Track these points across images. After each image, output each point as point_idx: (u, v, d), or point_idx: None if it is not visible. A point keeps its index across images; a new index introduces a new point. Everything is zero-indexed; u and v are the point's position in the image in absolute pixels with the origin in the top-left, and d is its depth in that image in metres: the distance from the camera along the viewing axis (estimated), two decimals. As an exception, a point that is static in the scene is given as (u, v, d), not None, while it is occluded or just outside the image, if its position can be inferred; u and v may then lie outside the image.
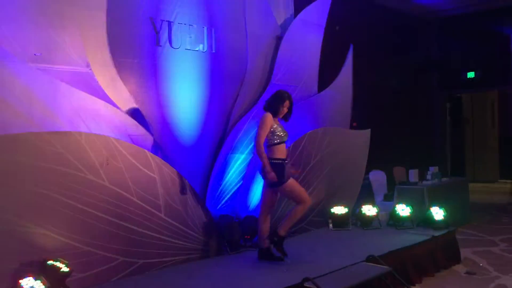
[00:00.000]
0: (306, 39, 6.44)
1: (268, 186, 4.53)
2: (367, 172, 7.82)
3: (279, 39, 6.20)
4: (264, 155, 4.42)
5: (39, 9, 3.95)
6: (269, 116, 4.53)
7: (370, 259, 4.36)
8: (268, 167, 4.37)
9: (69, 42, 4.16)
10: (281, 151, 4.56)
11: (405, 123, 9.99)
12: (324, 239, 5.48)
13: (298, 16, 6.40)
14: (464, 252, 5.87)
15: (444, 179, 7.71)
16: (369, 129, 6.92)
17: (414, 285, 4.75)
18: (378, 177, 7.93)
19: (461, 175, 11.38)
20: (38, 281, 3.27)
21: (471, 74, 10.48)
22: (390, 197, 7.25)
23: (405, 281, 4.62)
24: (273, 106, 4.57)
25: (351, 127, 7.16)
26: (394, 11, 9.22)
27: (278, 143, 4.52)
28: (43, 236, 3.65)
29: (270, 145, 4.51)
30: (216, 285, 3.89)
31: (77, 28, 4.23)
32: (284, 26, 6.37)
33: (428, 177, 7.44)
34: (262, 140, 4.46)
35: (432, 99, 10.68)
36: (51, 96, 3.88)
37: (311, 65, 6.54)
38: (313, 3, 6.58)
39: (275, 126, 4.54)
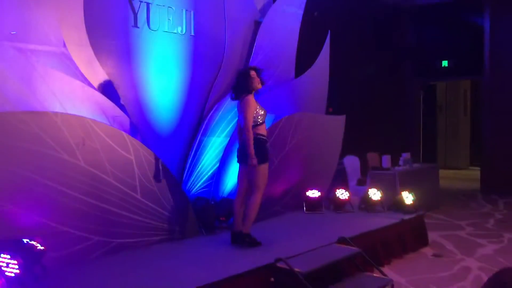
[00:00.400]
0: (285, 25, 6.48)
1: (245, 163, 4.53)
2: (341, 157, 7.99)
3: (257, 23, 6.24)
4: (252, 140, 4.38)
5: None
6: (250, 97, 4.51)
7: (341, 240, 4.50)
8: (252, 153, 4.35)
9: (45, 21, 4.13)
10: (264, 130, 4.60)
11: (380, 110, 10.17)
12: (298, 221, 5.61)
13: (277, 1, 6.44)
14: (432, 236, 6.08)
15: (416, 165, 7.92)
16: (344, 115, 7.05)
17: (383, 266, 4.91)
18: (352, 162, 8.09)
19: (433, 161, 11.68)
20: (13, 259, 3.29)
21: (445, 63, 10.70)
22: (363, 182, 7.42)
23: (374, 262, 4.79)
24: (244, 86, 4.54)
25: (327, 113, 7.27)
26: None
27: (261, 123, 4.55)
28: (18, 215, 3.66)
29: (254, 125, 4.49)
30: (190, 265, 3.97)
31: (54, 7, 4.19)
32: (263, 11, 6.40)
33: (400, 163, 7.64)
34: (251, 123, 4.43)
35: (406, 86, 10.87)
36: (26, 75, 3.85)
37: (289, 51, 6.59)
38: (293, -12, 6.62)
39: (256, 107, 4.52)
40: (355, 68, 9.18)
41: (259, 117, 4.54)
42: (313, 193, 6.11)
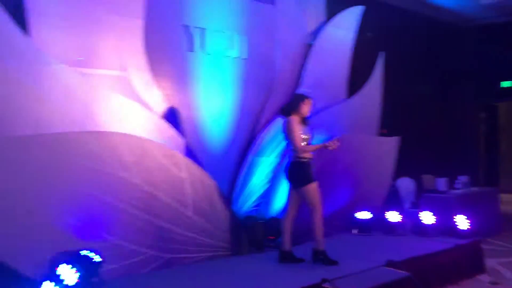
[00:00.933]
0: (336, 46, 6.56)
1: (293, 187, 4.64)
2: (395, 179, 7.86)
3: (309, 46, 6.35)
4: (311, 146, 4.65)
5: (80, 17, 4.24)
6: (292, 118, 4.61)
7: (390, 264, 4.44)
8: (321, 146, 4.67)
9: (108, 47, 4.44)
10: (308, 153, 4.67)
11: (438, 131, 9.92)
12: (346, 243, 5.57)
13: (329, 23, 6.54)
14: (490, 263, 5.83)
15: (474, 188, 7.65)
16: (398, 137, 6.97)
17: (435, 292, 4.79)
18: (406, 185, 7.93)
19: (495, 185, 11.18)
20: (72, 269, 3.52)
21: (505, 84, 10.32)
22: (417, 205, 7.26)
23: (425, 288, 4.69)
24: (293, 106, 4.66)
25: (381, 134, 7.22)
26: (429, 19, 9.19)
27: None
28: (78, 228, 3.92)
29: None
30: (238, 282, 4.06)
31: (116, 34, 4.51)
32: (315, 33, 6.51)
33: (457, 186, 7.41)
34: (300, 142, 4.53)
35: (465, 107, 10.56)
36: (90, 98, 4.15)
37: (340, 72, 6.65)
38: (345, 10, 6.71)
39: (300, 129, 4.61)
40: (410, 89, 9.05)
41: (303, 142, 4.60)
42: (364, 215, 6.05)
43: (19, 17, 3.96)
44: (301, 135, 4.60)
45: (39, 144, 3.75)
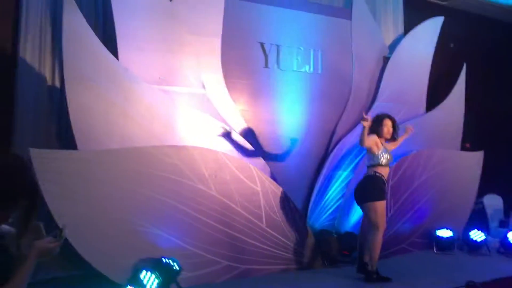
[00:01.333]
0: (415, 59, 6.40)
1: (358, 202, 4.58)
2: (482, 196, 7.46)
3: (386, 59, 6.26)
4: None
5: (161, 38, 4.54)
6: (375, 136, 4.55)
7: (470, 285, 4.23)
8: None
9: (187, 66, 4.70)
10: (385, 172, 4.61)
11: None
12: (425, 261, 5.37)
13: (407, 36, 6.42)
14: None
15: None
16: (482, 151, 6.63)
17: (521, 318, 4.50)
18: (493, 202, 7.50)
19: None
20: (153, 275, 3.74)
21: None
22: (506, 224, 6.84)
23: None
24: (374, 129, 4.59)
25: (464, 148, 6.91)
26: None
27: (384, 165, 4.56)
28: (159, 236, 4.16)
29: (375, 164, 4.54)
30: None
31: (195, 53, 4.76)
32: (393, 46, 6.42)
33: (551, 204, 6.88)
34: (368, 143, 4.44)
35: None
36: (171, 114, 4.42)
37: (419, 85, 6.47)
38: (424, 22, 6.54)
39: (381, 148, 4.54)
40: (499, 100, 8.55)
41: (383, 159, 4.53)
42: (445, 233, 5.81)
43: (111, 42, 4.34)
44: (384, 154, 4.53)
45: (124, 157, 4.05)
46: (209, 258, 4.42)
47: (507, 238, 5.63)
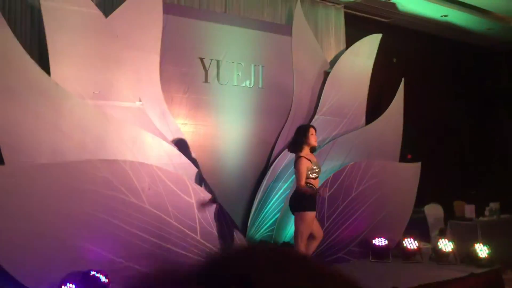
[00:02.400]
0: (354, 73, 6.64)
1: (292, 211, 4.70)
2: (423, 205, 7.73)
3: (327, 73, 6.48)
4: (308, 190, 4.53)
5: (96, 54, 4.60)
6: (302, 160, 4.60)
7: (393, 291, 4.41)
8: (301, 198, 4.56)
9: (123, 81, 4.77)
10: (316, 183, 4.74)
11: (473, 156, 9.68)
12: (359, 269, 5.55)
13: (347, 51, 6.66)
14: (513, 293, 5.63)
15: (505, 215, 7.38)
16: (419, 163, 6.90)
17: (446, 323, 4.70)
18: (434, 211, 7.78)
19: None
20: (78, 289, 3.78)
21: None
22: (444, 232, 7.10)
23: (434, 317, 4.62)
24: (300, 141, 4.72)
25: (405, 160, 7.17)
26: (459, 44, 9.09)
27: (315, 178, 4.68)
28: (89, 250, 4.20)
29: (307, 178, 4.62)
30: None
31: (133, 68, 4.84)
32: (334, 61, 6.64)
33: (486, 213, 7.19)
34: (303, 181, 4.54)
35: (501, 129, 10.23)
36: (102, 128, 4.47)
37: (358, 98, 6.70)
38: (364, 38, 6.79)
39: (310, 166, 4.62)
40: (441, 113, 8.92)
41: (314, 174, 4.66)
42: (380, 242, 6.02)
43: (43, 58, 4.38)
44: (315, 168, 4.65)
45: (53, 171, 4.08)
46: (141, 271, 4.47)
47: (438, 245, 5.85)
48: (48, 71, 4.32)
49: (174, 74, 5.26)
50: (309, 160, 4.65)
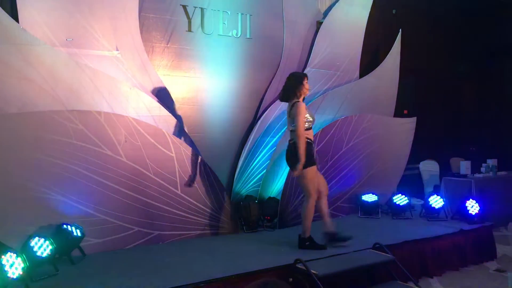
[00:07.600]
0: (348, 24, 6.34)
1: (291, 168, 4.49)
2: (419, 162, 7.56)
3: (319, 24, 6.18)
4: (304, 146, 4.26)
5: (70, -1, 4.33)
6: (302, 104, 4.39)
7: (377, 247, 4.30)
8: (303, 161, 4.22)
9: (98, 28, 4.52)
10: (311, 135, 4.51)
11: (473, 112, 9.40)
12: (347, 225, 5.41)
13: (341, 0, 6.32)
14: (505, 250, 5.52)
15: (501, 173, 7.20)
16: (415, 117, 6.68)
17: (432, 277, 4.61)
18: (429, 168, 7.62)
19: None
20: (47, 242, 3.67)
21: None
22: (439, 189, 6.96)
23: (420, 272, 4.53)
24: (294, 90, 4.41)
25: (402, 115, 6.94)
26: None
27: (309, 128, 4.46)
28: (62, 203, 4.08)
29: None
30: (214, 258, 4.07)
31: (108, 16, 4.58)
32: (328, 11, 6.31)
33: (482, 169, 7.01)
34: (303, 129, 4.31)
35: (505, 86, 9.89)
36: (76, 77, 4.26)
37: (352, 50, 6.42)
38: (359, -13, 6.44)
39: (307, 114, 4.41)
40: (441, 68, 8.59)
41: (307, 123, 4.43)
42: (369, 197, 5.88)
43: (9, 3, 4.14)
44: (308, 117, 4.39)
45: (23, 122, 3.91)
46: (119, 225, 4.38)
47: (429, 202, 5.71)
48: (15, 17, 4.10)
49: (155, 22, 4.99)
50: None
